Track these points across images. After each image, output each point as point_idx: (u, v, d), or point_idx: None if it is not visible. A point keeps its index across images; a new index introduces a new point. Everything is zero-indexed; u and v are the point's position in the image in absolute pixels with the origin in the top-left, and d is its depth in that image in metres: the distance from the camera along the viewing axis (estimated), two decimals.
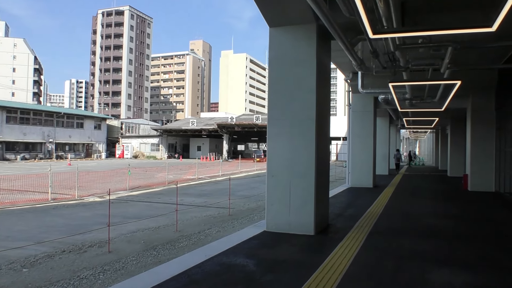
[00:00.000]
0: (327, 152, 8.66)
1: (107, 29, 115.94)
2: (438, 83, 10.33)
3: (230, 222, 10.95)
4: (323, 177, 8.24)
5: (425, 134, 45.61)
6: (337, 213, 10.25)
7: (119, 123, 72.95)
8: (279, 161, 7.85)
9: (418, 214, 10.36)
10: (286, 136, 7.80)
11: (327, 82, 8.58)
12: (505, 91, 15.12)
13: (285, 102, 7.85)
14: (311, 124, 7.61)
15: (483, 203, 12.91)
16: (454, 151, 26.02)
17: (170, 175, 27.03)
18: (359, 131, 17.42)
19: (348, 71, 16.77)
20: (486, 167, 16.17)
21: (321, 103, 7.98)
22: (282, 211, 7.79)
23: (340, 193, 14.93)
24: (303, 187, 7.64)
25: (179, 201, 16.28)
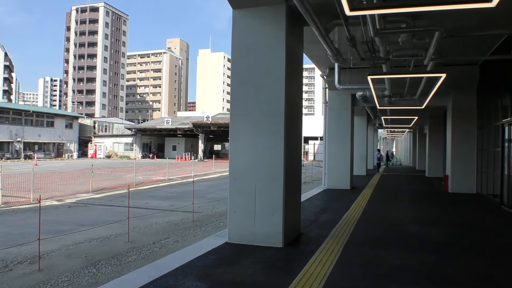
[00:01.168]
0: (299, 152, 7.66)
1: (81, 26, 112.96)
2: (421, 75, 9.48)
3: (192, 230, 9.85)
4: (294, 180, 7.24)
5: (403, 134, 45.25)
6: (311, 219, 9.28)
7: (91, 122, 70.85)
8: (243, 162, 6.82)
9: (399, 219, 9.47)
10: (250, 134, 6.77)
11: (298, 73, 7.58)
12: (486, 89, 14.43)
13: (249, 94, 6.82)
14: (279, 119, 6.60)
15: (466, 206, 12.13)
16: (433, 151, 25.48)
17: (139, 176, 25.78)
18: (335, 130, 16.54)
19: (325, 66, 15.89)
20: (467, 167, 15.48)
21: (291, 95, 6.98)
22: (246, 219, 6.76)
23: (315, 195, 13.99)
24: (271, 192, 6.63)
25: (144, 205, 15.15)
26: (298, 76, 7.58)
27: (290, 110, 6.88)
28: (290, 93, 6.87)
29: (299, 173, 7.70)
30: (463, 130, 15.62)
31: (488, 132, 14.05)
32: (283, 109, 6.58)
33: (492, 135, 13.68)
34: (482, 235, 7.87)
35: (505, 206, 11.57)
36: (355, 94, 16.12)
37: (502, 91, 12.25)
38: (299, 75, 7.61)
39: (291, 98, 6.96)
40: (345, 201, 12.53)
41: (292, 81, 7.08)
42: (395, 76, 9.75)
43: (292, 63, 7.00)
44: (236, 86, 6.94)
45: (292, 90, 7.09)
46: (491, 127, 13.66)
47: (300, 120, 7.71)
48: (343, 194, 14.60)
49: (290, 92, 6.87)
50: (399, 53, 8.44)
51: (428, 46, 8.26)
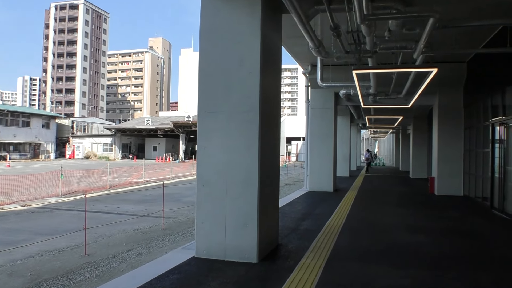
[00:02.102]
0: (277, 153, 6.85)
1: (61, 24, 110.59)
2: (411, 70, 8.76)
3: (160, 240, 8.97)
4: (271, 185, 6.43)
5: (386, 134, 44.87)
6: (290, 226, 8.49)
7: (70, 122, 69.11)
8: (212, 166, 5.99)
9: (386, 226, 8.74)
10: (221, 133, 5.93)
11: (276, 67, 6.77)
12: (474, 87, 13.85)
13: (220, 88, 5.98)
14: (253, 116, 5.78)
15: (455, 210, 11.48)
16: (417, 152, 24.98)
17: (115, 178, 24.72)
18: (318, 130, 15.80)
19: (307, 63, 15.15)
20: (454, 169, 14.89)
21: (268, 90, 6.17)
22: (215, 231, 5.92)
23: (296, 199, 13.22)
24: (244, 199, 5.81)
25: (115, 210, 14.20)
26: (276, 70, 6.78)
27: (266, 107, 6.07)
28: (266, 88, 6.06)
29: (277, 177, 6.90)
30: (450, 130, 15.03)
31: (476, 132, 13.47)
32: (258, 105, 5.77)
33: (480, 135, 13.10)
34: (479, 244, 7.16)
35: (495, 210, 10.95)
36: (338, 92, 15.39)
37: (492, 89, 11.65)
38: (277, 68, 6.80)
39: (267, 94, 6.15)
40: (328, 205, 11.79)
41: (269, 74, 6.28)
42: (382, 71, 9.03)
43: (268, 55, 6.20)
44: (205, 78, 6.10)
45: (269, 84, 6.29)
46: (480, 127, 13.07)
47: (278, 119, 6.91)
48: (326, 197, 13.86)
49: (266, 87, 6.06)
50: (386, 45, 7.69)
51: (418, 37, 7.54)
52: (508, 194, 10.31)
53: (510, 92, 10.33)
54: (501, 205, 10.58)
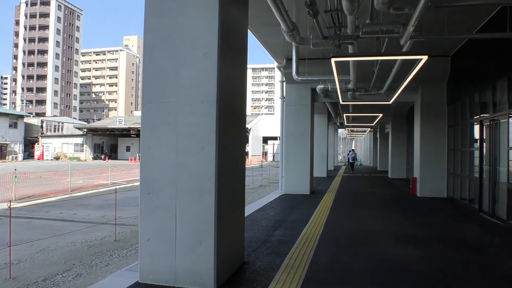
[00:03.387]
0: (241, 154, 5.71)
1: (32, 20, 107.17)
2: (398, 57, 7.74)
3: (108, 256, 7.71)
4: (233, 194, 5.30)
5: (364, 133, 44.27)
6: (261, 237, 7.37)
7: (39, 121, 66.59)
8: (159, 170, 4.82)
9: (369, 236, 7.71)
10: (169, 129, 4.78)
11: (241, 52, 5.63)
12: (459, 83, 13.02)
13: (168, 73, 4.82)
14: (209, 108, 4.64)
15: (441, 214, 10.56)
16: (396, 151, 24.22)
17: (80, 180, 23.23)
18: (294, 128, 14.77)
19: (282, 56, 14.09)
20: (437, 169, 14.04)
21: (228, 77, 5.05)
22: (163, 250, 4.76)
23: (270, 203, 12.12)
24: (198, 211, 4.67)
25: (70, 216, 12.85)
26: (241, 56, 5.64)
27: (226, 97, 4.95)
28: (227, 74, 4.94)
29: (242, 184, 5.75)
30: (433, 129, 14.18)
31: (462, 130, 12.61)
32: (215, 94, 4.63)
33: (466, 134, 12.25)
34: (477, 258, 6.17)
35: (485, 214, 10.07)
36: (315, 88, 14.39)
37: (480, 84, 10.78)
38: (241, 55, 5.66)
39: (228, 81, 5.03)
40: (304, 210, 10.73)
41: (231, 59, 5.15)
42: (365, 59, 8.01)
43: (230, 35, 5.07)
44: (150, 61, 4.93)
45: (231, 71, 5.17)
46: (466, 125, 12.22)
47: (243, 113, 5.77)
48: (302, 200, 12.81)
49: (227, 73, 4.94)
50: (370, 28, 6.64)
51: (407, 20, 6.53)
52: (500, 197, 9.43)
53: (501, 86, 9.46)
54: (491, 209, 9.70)
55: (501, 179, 9.33)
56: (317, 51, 12.89)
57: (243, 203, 5.82)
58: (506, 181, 8.83)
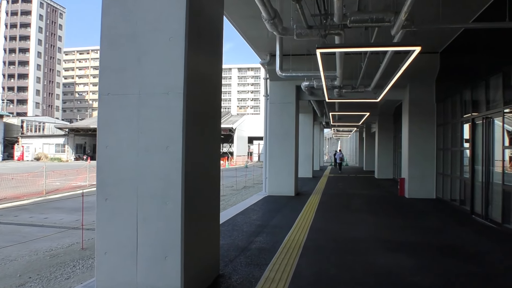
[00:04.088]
0: (215, 154, 5.07)
1: (13, 18, 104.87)
2: (388, 49, 7.17)
3: (70, 267, 6.99)
4: (205, 199, 4.67)
5: (350, 133, 43.91)
6: (240, 245, 6.75)
7: (19, 121, 65.04)
8: (118, 172, 4.18)
9: (358, 242, 7.14)
10: (130, 125, 4.13)
11: (214, 41, 4.99)
12: (448, 80, 12.58)
13: (128, 60, 4.18)
14: (175, 101, 4.01)
15: (432, 217, 10.05)
16: (382, 151, 23.79)
17: (57, 182, 22.34)
18: (278, 127, 14.19)
19: (265, 52, 13.51)
20: (426, 170, 13.59)
21: (199, 66, 4.43)
22: (123, 265, 4.12)
23: (253, 205, 11.50)
24: (162, 220, 4.03)
25: (41, 221, 12.11)
26: (215, 47, 5.01)
27: (197, 89, 4.33)
28: (196, 64, 4.31)
29: (215, 188, 5.10)
30: (421, 127, 13.72)
31: (452, 129, 12.14)
32: (182, 85, 4.00)
33: (456, 132, 11.79)
34: (474, 267, 5.63)
35: (477, 217, 9.61)
36: (300, 85, 13.82)
37: (472, 81, 10.32)
38: (215, 45, 5.03)
39: (198, 73, 4.41)
40: (288, 213, 10.15)
41: (202, 48, 4.53)
42: (352, 50, 7.42)
43: (201, 21, 4.45)
44: (108, 46, 4.28)
45: (202, 60, 4.55)
46: (456, 123, 11.75)
47: (217, 109, 5.15)
48: (286, 202, 12.22)
49: (196, 63, 4.32)
50: (359, 17, 6.08)
51: (398, 8, 5.97)
52: (493, 199, 8.96)
53: (494, 83, 8.99)
54: (484, 211, 9.22)
55: (495, 180, 8.85)
56: (302, 46, 12.37)
57: (218, 209, 5.19)
58: (501, 182, 8.33)
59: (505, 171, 8.32)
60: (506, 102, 8.23)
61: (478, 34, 9.91)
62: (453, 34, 11.37)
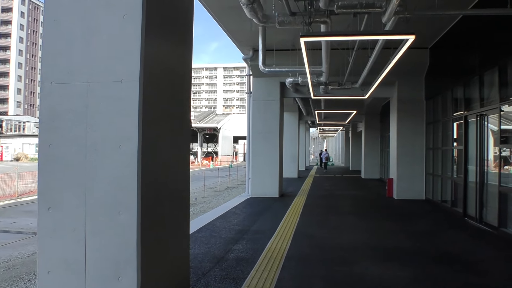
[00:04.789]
0: (183, 154, 4.39)
1: None
2: (379, 37, 6.58)
3: (25, 282, 6.12)
4: (169, 207, 4.00)
5: (336, 132, 43.52)
6: (216, 254, 6.10)
7: None
8: (62, 176, 3.49)
9: (346, 250, 6.54)
10: (76, 119, 3.44)
11: (179, 21, 4.32)
12: (437, 77, 12.09)
13: (75, 43, 3.49)
14: (130, 90, 3.33)
15: (424, 220, 9.52)
16: (369, 151, 23.34)
17: (33, 183, 21.39)
18: (261, 126, 13.58)
19: (248, 47, 12.89)
20: (415, 170, 13.09)
21: (159, 51, 3.77)
22: (68, 286, 3.44)
23: (234, 208, 10.86)
24: (115, 233, 3.36)
25: (7, 226, 11.32)
26: (182, 32, 4.33)
27: (158, 79, 3.67)
28: (157, 48, 3.66)
29: (184, 193, 4.42)
30: (410, 126, 13.22)
31: (442, 127, 11.63)
32: (138, 71, 3.33)
33: (447, 131, 11.29)
34: (475, 278, 5.05)
35: (470, 219, 9.10)
36: (284, 82, 13.23)
37: (464, 77, 9.81)
38: (183, 30, 4.35)
39: (160, 59, 3.76)
40: (272, 217, 9.53)
41: (165, 31, 3.87)
42: (340, 39, 6.81)
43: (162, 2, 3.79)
44: (52, 27, 3.58)
45: (164, 45, 3.88)
46: (447, 121, 11.25)
47: (185, 103, 4.45)
48: (270, 205, 11.60)
49: (157, 47, 3.66)
50: (347, 2, 5.48)
51: None
52: (489, 201, 8.44)
53: (489, 78, 8.48)
54: (478, 214, 8.70)
55: (491, 181, 8.33)
56: (286, 41, 11.78)
57: (187, 217, 4.51)
58: (497, 183, 7.80)
59: (502, 172, 7.80)
60: (502, 98, 7.71)
61: (471, 27, 9.42)
62: (443, 28, 10.91)
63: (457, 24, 10.21)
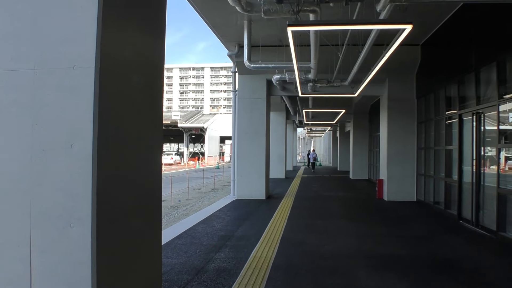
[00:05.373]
0: (152, 154, 3.83)
1: None
2: (373, 27, 6.09)
3: None
4: (136, 214, 3.45)
5: (323, 132, 43.18)
6: (196, 264, 5.56)
7: None
8: (4, 181, 2.92)
9: (338, 257, 6.05)
10: (22, 113, 2.87)
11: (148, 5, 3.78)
12: (429, 74, 11.70)
13: (20, 23, 2.93)
14: (84, 77, 2.77)
15: (418, 223, 9.08)
16: (358, 151, 22.96)
17: None
18: (247, 125, 13.06)
19: (233, 42, 12.37)
20: (406, 170, 12.69)
21: (123, 35, 3.23)
22: None
23: (218, 212, 10.32)
24: (66, 249, 2.80)
25: None
26: (153, 19, 3.73)
27: (119, 67, 3.12)
28: (119, 33, 3.11)
29: (155, 200, 3.86)
30: (401, 125, 12.83)
31: (436, 126, 11.21)
32: (93, 57, 2.78)
33: (440, 130, 10.88)
34: None
35: (466, 222, 8.69)
36: (271, 79, 12.72)
37: (459, 73, 9.40)
38: (154, 16, 3.75)
39: (122, 44, 3.20)
40: (257, 221, 9.01)
41: (130, 14, 3.32)
42: (331, 28, 6.27)
43: None
44: None
45: (128, 29, 3.33)
46: (440, 120, 10.84)
47: (155, 96, 3.90)
48: (256, 207, 11.08)
49: (119, 31, 3.11)
50: None
51: None
52: (486, 204, 8.02)
53: (487, 74, 8.07)
54: (475, 217, 8.29)
55: (488, 183, 7.91)
56: (273, 37, 11.28)
57: (158, 228, 3.96)
58: (496, 185, 7.37)
59: (501, 173, 7.38)
60: (501, 96, 7.29)
61: (465, 22, 9.04)
62: (435, 24, 10.52)
63: (450, 20, 9.82)
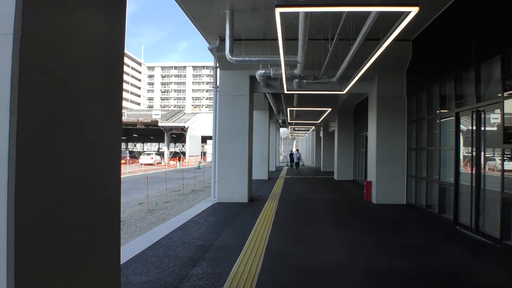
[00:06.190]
0: (110, 159, 3.04)
1: None
2: (373, 9, 5.34)
3: None
4: (80, 239, 2.65)
5: (307, 132, 42.61)
6: (168, 283, 4.78)
7: None
8: None
9: (328, 272, 5.32)
10: None
11: None
12: (422, 71, 11.11)
13: None
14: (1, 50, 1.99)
15: (412, 229, 8.41)
16: (342, 151, 22.35)
17: None
18: (228, 123, 12.30)
19: (214, 35, 11.58)
20: (396, 172, 12.10)
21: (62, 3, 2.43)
22: None
23: (196, 217, 9.52)
24: None
25: None
26: None
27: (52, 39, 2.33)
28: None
29: (112, 215, 3.06)
30: (391, 124, 12.22)
31: (428, 126, 10.61)
32: (13, 22, 1.99)
33: (433, 130, 10.29)
34: None
35: (464, 228, 8.07)
36: (254, 75, 11.99)
37: (456, 69, 8.79)
38: None
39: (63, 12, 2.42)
40: (239, 228, 8.25)
41: None
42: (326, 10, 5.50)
43: None
44: None
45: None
46: (433, 119, 10.25)
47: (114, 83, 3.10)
48: (238, 212, 10.32)
49: None
50: None
51: None
52: (487, 210, 7.41)
53: (488, 68, 7.46)
54: (474, 223, 7.68)
55: (490, 186, 7.30)
56: (256, 29, 10.56)
57: (116, 246, 3.16)
58: (500, 189, 6.75)
59: (506, 176, 6.76)
60: (506, 90, 6.67)
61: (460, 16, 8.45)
62: (429, 19, 9.94)
63: (445, 12, 9.23)
